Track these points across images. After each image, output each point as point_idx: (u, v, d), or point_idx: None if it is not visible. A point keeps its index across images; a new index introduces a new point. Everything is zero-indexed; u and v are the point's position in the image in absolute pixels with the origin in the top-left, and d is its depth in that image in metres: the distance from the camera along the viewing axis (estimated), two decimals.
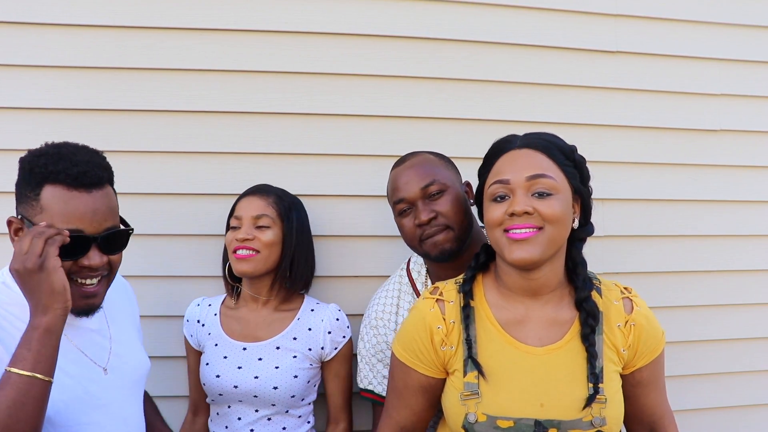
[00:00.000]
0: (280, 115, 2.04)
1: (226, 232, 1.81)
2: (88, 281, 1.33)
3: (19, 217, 1.32)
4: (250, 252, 1.73)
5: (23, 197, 1.32)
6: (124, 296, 1.63)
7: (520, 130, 1.47)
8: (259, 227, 1.74)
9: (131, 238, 1.54)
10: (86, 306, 1.35)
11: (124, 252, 1.41)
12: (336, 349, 1.80)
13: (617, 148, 2.24)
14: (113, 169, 1.40)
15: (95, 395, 1.38)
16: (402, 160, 1.72)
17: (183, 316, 1.93)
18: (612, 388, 1.34)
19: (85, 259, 1.30)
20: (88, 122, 1.94)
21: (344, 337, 1.83)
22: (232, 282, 1.85)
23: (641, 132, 2.26)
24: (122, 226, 1.40)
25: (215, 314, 1.84)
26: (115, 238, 1.35)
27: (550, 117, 2.18)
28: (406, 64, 2.09)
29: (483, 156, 1.44)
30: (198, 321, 1.85)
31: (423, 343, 1.39)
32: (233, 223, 1.78)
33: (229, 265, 1.81)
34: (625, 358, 1.38)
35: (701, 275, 2.30)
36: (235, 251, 1.74)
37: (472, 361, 1.34)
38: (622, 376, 1.39)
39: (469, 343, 1.36)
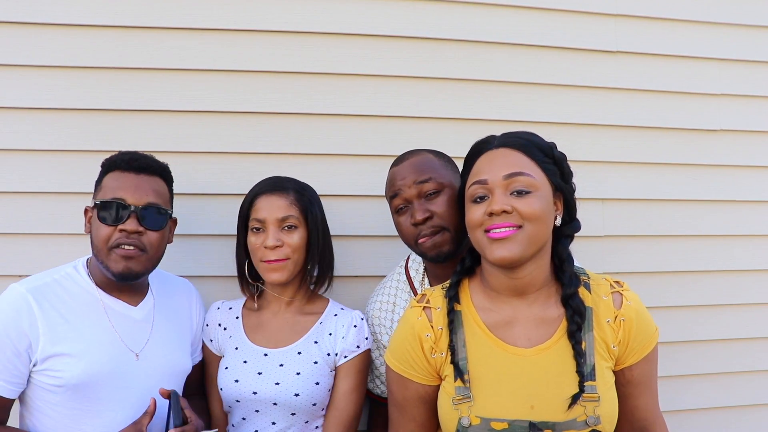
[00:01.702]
0: (280, 115, 2.04)
1: (240, 234, 1.72)
2: (125, 246, 1.52)
3: (92, 205, 1.59)
4: (281, 260, 1.63)
5: (95, 188, 1.61)
6: (185, 304, 1.76)
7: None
8: (285, 229, 1.64)
9: None
10: (125, 269, 1.53)
11: None
12: (345, 357, 1.67)
13: (617, 148, 2.24)
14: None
15: (122, 376, 1.53)
16: (401, 158, 1.72)
17: None
18: (604, 385, 1.32)
19: (122, 225, 1.52)
20: (88, 122, 1.94)
21: (358, 347, 1.68)
22: (252, 281, 1.75)
23: (641, 132, 2.26)
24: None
25: (237, 317, 1.75)
26: (153, 214, 1.56)
27: (550, 117, 2.18)
28: (406, 64, 2.10)
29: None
30: (219, 324, 1.76)
31: (415, 352, 1.39)
32: (255, 225, 1.66)
33: (249, 263, 1.72)
34: (616, 354, 1.36)
35: (701, 275, 2.31)
36: (263, 259, 1.64)
37: (454, 366, 1.34)
38: (614, 373, 1.38)
39: (453, 348, 1.35)
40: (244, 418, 1.66)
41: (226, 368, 1.68)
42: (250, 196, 1.71)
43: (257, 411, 1.63)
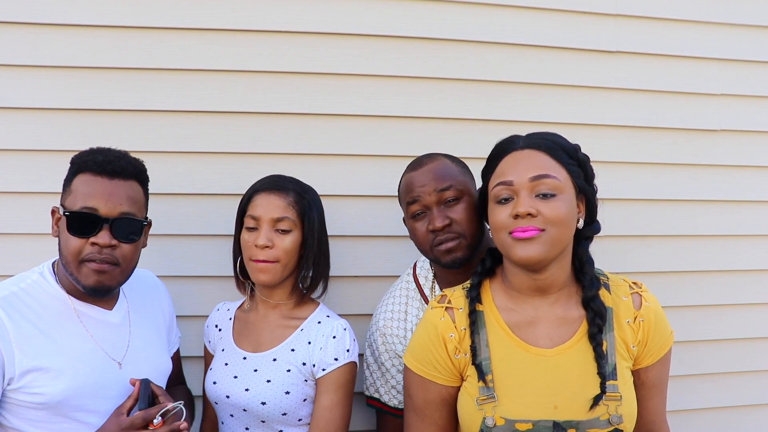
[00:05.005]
0: (280, 115, 2.04)
1: (237, 229, 1.69)
2: (98, 261, 1.42)
3: (59, 205, 1.47)
4: (270, 261, 1.59)
5: (63, 187, 1.49)
6: (155, 298, 1.70)
7: (521, 130, 1.47)
8: (278, 230, 1.60)
9: None
10: (96, 284, 1.43)
11: None
12: (324, 370, 1.59)
13: (617, 148, 2.24)
14: None
15: (107, 386, 1.46)
16: (418, 163, 1.67)
17: (183, 316, 1.93)
18: (625, 384, 1.34)
19: (94, 238, 1.41)
20: (88, 122, 1.94)
21: (336, 359, 1.60)
22: (244, 279, 1.71)
23: (641, 132, 2.26)
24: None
25: (230, 318, 1.75)
26: (127, 225, 1.45)
27: (550, 117, 2.18)
28: (406, 64, 2.09)
29: (483, 156, 1.44)
30: (216, 326, 1.77)
31: (438, 354, 1.39)
32: (249, 223, 1.63)
33: (241, 261, 1.68)
34: (635, 354, 1.38)
35: (701, 275, 2.31)
36: (252, 258, 1.61)
37: (476, 367, 1.34)
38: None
39: (474, 349, 1.36)
40: (222, 422, 1.66)
41: (211, 369, 1.70)
42: (250, 192, 1.68)
43: (231, 415, 1.63)
